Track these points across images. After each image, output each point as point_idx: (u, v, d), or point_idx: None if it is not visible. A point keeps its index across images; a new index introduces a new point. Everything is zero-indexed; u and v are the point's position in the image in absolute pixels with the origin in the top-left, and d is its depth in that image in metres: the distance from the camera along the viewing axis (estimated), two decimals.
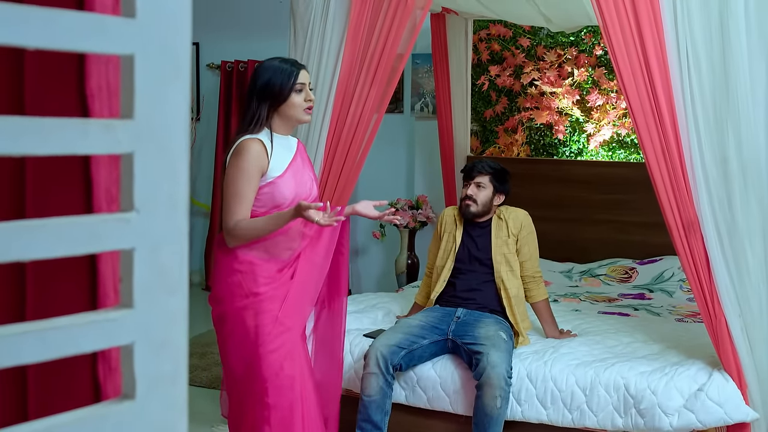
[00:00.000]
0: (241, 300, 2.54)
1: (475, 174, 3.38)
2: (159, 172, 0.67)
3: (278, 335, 2.56)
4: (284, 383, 2.55)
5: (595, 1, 2.82)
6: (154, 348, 0.69)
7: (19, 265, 0.66)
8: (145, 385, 0.68)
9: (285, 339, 2.57)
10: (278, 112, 2.60)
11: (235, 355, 2.59)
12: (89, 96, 0.67)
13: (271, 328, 2.54)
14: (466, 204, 3.38)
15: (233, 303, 2.54)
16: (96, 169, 0.67)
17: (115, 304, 0.71)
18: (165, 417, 0.69)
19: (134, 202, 0.66)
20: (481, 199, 3.37)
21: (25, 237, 0.60)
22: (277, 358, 2.54)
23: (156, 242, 0.68)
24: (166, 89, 0.66)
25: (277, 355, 2.55)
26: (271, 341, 2.54)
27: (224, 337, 2.60)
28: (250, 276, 2.54)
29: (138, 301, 0.67)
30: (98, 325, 0.65)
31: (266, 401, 2.53)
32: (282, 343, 2.56)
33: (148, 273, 0.68)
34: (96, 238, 0.64)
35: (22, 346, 0.60)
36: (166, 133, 0.67)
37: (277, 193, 2.54)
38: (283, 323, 2.57)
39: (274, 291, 2.57)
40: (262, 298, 2.54)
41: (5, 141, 0.57)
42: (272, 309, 2.56)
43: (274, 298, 2.57)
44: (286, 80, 2.57)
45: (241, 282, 2.54)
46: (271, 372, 2.53)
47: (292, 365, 2.58)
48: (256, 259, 2.55)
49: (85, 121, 0.62)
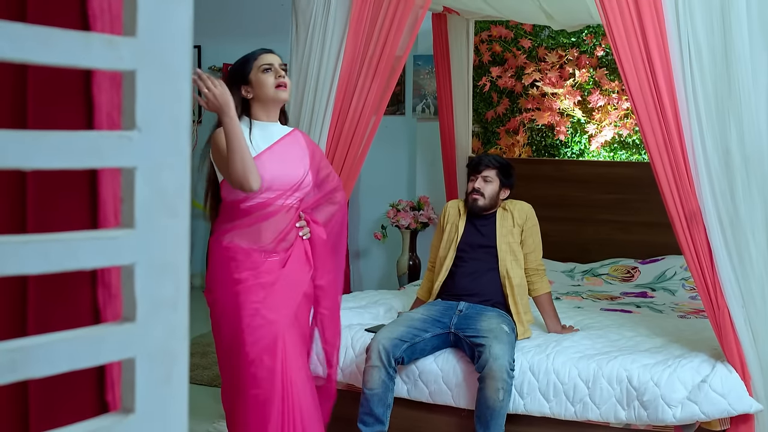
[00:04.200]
0: (225, 288, 2.53)
1: (482, 168, 3.38)
2: (161, 91, 0.67)
3: (258, 327, 2.50)
4: (262, 376, 2.49)
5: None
6: (155, 270, 0.68)
7: (20, 184, 0.66)
8: (146, 307, 0.68)
9: (266, 332, 2.51)
10: (254, 97, 2.64)
11: (221, 343, 2.59)
12: (91, 17, 0.67)
13: (250, 320, 2.50)
14: (474, 198, 3.38)
15: (218, 291, 2.56)
16: (98, 92, 0.66)
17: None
18: (165, 341, 0.69)
19: (136, 121, 0.66)
20: (489, 192, 3.37)
21: (26, 146, 0.59)
22: (255, 350, 2.49)
23: (157, 162, 0.67)
24: (169, 8, 0.66)
25: (257, 347, 2.49)
26: (251, 333, 2.49)
27: (214, 325, 2.61)
28: (234, 263, 2.53)
29: (139, 221, 0.67)
30: (99, 243, 0.64)
31: (247, 392, 2.51)
32: (262, 336, 2.51)
33: (150, 194, 0.67)
34: (97, 153, 0.63)
35: (24, 257, 0.60)
36: (169, 53, 0.67)
37: None
38: (264, 316, 2.52)
39: (255, 279, 2.53)
40: (243, 287, 2.51)
41: (7, 45, 0.57)
42: (253, 300, 2.51)
43: (256, 287, 2.52)
44: (248, 62, 2.65)
45: (226, 269, 2.54)
46: (247, 362, 2.49)
47: (272, 359, 2.51)
48: (241, 245, 2.54)
49: (89, 35, 0.62)
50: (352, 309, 3.72)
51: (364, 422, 3.03)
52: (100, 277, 0.70)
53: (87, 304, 0.67)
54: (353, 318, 3.60)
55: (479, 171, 3.38)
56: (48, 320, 0.65)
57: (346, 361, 3.29)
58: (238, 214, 2.57)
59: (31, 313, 0.65)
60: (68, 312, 0.69)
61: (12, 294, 0.65)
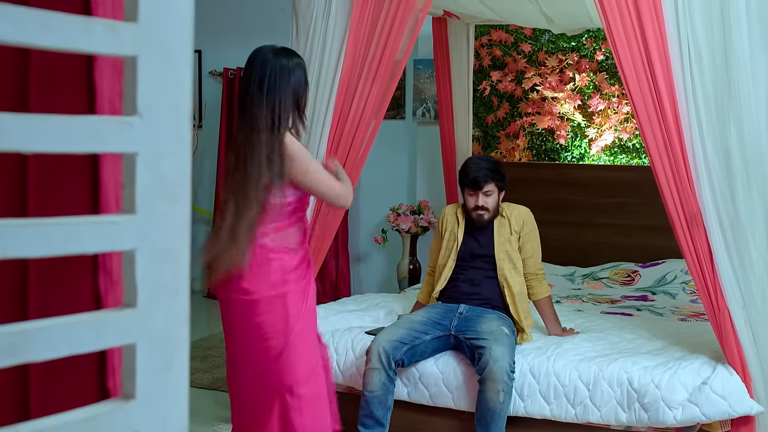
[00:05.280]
0: (271, 288, 2.51)
1: (483, 184, 3.31)
2: (162, 77, 0.67)
3: (305, 326, 2.56)
4: (314, 372, 2.56)
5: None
6: (156, 257, 0.68)
7: (22, 168, 0.66)
8: (147, 294, 0.68)
9: (312, 331, 2.59)
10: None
11: (256, 345, 2.55)
12: (93, 2, 0.67)
13: (296, 318, 2.54)
14: (479, 214, 3.34)
15: (262, 291, 2.50)
16: (99, 78, 0.67)
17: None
18: (166, 327, 0.69)
19: (137, 107, 0.66)
20: (492, 205, 3.34)
21: (27, 129, 0.60)
22: (307, 349, 2.54)
23: (158, 149, 0.68)
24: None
25: (307, 345, 2.55)
26: (301, 331, 2.54)
27: (243, 327, 2.56)
28: (279, 264, 2.52)
29: (140, 207, 0.67)
30: (100, 227, 0.65)
31: (297, 391, 2.51)
32: (310, 335, 2.58)
33: (150, 180, 0.67)
34: (98, 138, 0.63)
35: (25, 240, 0.60)
36: (170, 39, 0.67)
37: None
38: (309, 315, 2.58)
39: (298, 281, 2.56)
40: (290, 288, 2.53)
41: (9, 28, 0.57)
42: (299, 301, 2.56)
43: (300, 289, 2.57)
44: (305, 75, 2.61)
45: (270, 270, 2.50)
46: (302, 361, 2.52)
47: (316, 357, 2.59)
48: (285, 250, 2.54)
49: (90, 20, 0.62)
50: (353, 312, 3.71)
51: (364, 425, 3.03)
52: (101, 263, 0.70)
53: (88, 289, 0.68)
54: (353, 321, 3.60)
55: (480, 188, 3.33)
56: (49, 305, 0.65)
57: (346, 363, 3.29)
58: (281, 215, 2.55)
59: (32, 298, 0.65)
60: (69, 297, 0.69)
61: (13, 278, 0.65)
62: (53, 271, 0.69)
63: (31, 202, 0.65)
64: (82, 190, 0.65)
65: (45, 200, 0.66)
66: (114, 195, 0.69)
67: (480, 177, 3.30)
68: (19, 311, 0.65)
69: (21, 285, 0.65)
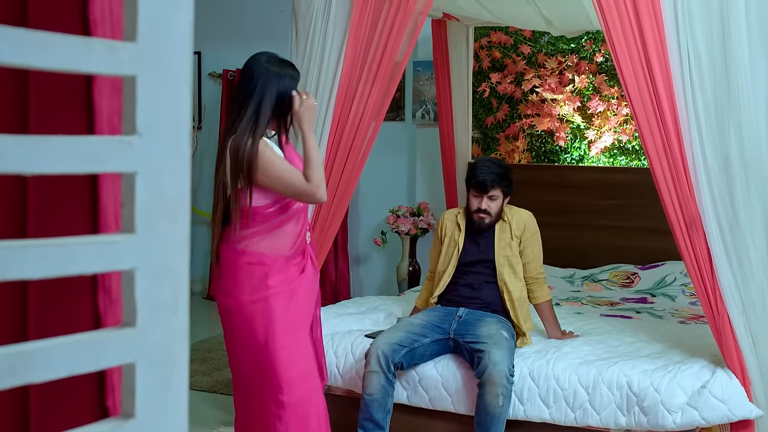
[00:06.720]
0: (250, 294, 2.52)
1: (489, 188, 3.29)
2: (162, 96, 0.67)
3: (288, 332, 2.54)
4: (296, 379, 2.54)
5: (596, 1, 2.83)
6: (156, 275, 0.68)
7: (21, 189, 0.66)
8: (146, 312, 0.68)
9: (295, 336, 2.56)
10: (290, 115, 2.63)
11: (242, 350, 2.57)
12: (92, 22, 0.67)
13: (281, 324, 2.53)
14: (480, 217, 3.32)
15: (241, 296, 2.52)
16: (98, 98, 0.67)
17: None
18: (166, 346, 0.69)
19: (137, 126, 0.66)
20: (495, 209, 3.32)
21: (26, 151, 0.60)
22: (288, 354, 2.53)
23: (158, 167, 0.67)
24: (170, 13, 0.67)
25: (289, 351, 2.53)
26: (282, 337, 2.52)
27: (230, 331, 2.59)
28: (261, 269, 2.52)
29: (139, 226, 0.67)
30: (100, 247, 0.65)
31: (280, 399, 2.51)
32: (292, 340, 2.55)
33: (150, 199, 0.67)
34: (98, 158, 0.63)
35: (24, 261, 0.60)
36: (170, 58, 0.67)
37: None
38: (293, 320, 2.56)
39: (280, 286, 2.55)
40: (272, 293, 2.52)
41: (8, 50, 0.57)
42: (281, 305, 2.54)
43: (283, 293, 2.55)
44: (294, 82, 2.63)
45: (251, 276, 2.52)
46: (283, 368, 2.52)
47: (304, 360, 2.58)
48: (267, 253, 2.54)
49: (89, 40, 0.62)
50: (352, 315, 3.71)
51: (364, 428, 3.03)
52: (100, 282, 0.70)
53: (88, 309, 0.68)
54: (353, 324, 3.60)
55: (486, 192, 3.30)
56: (48, 325, 0.65)
57: (345, 366, 3.29)
58: (258, 220, 2.55)
59: (32, 318, 0.65)
60: (69, 317, 0.69)
61: (13, 299, 0.65)
62: (53, 292, 0.69)
63: (30, 223, 0.65)
64: (81, 210, 0.65)
65: (44, 220, 0.66)
66: (113, 214, 0.69)
67: (487, 181, 3.28)
68: (19, 332, 0.65)
69: (21, 306, 0.65)
